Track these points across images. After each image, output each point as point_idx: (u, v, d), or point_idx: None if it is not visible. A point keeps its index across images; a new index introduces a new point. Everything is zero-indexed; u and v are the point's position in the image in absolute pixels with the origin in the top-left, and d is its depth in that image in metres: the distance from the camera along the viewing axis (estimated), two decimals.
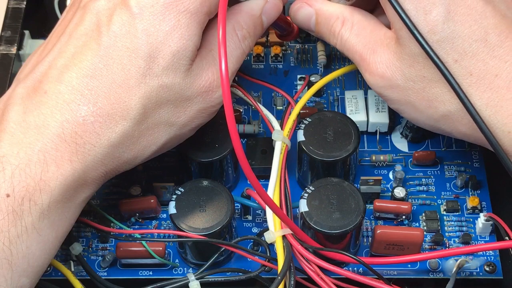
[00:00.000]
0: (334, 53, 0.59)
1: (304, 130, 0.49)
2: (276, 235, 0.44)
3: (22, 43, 0.56)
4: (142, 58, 0.41)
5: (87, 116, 0.40)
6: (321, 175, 0.49)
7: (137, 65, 0.41)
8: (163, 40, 0.41)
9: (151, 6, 0.41)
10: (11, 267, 0.38)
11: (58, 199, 0.40)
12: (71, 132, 0.40)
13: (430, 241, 0.50)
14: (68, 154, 0.40)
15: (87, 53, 0.41)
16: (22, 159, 0.39)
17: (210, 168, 0.50)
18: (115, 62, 0.41)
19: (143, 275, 0.50)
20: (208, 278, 0.46)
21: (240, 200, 0.50)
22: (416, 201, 0.52)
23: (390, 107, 0.48)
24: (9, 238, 0.38)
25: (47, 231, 0.40)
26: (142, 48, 0.41)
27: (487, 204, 0.52)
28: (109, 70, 0.41)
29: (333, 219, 0.46)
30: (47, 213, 0.39)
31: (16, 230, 0.38)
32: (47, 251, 0.40)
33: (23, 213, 0.38)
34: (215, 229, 0.46)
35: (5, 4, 0.56)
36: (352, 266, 0.49)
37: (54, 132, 0.40)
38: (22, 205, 0.38)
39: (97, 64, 0.41)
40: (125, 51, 0.41)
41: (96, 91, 0.41)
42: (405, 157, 0.54)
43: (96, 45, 0.41)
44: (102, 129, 0.41)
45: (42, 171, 0.39)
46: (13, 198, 0.38)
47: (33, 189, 0.39)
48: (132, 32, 0.41)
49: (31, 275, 0.39)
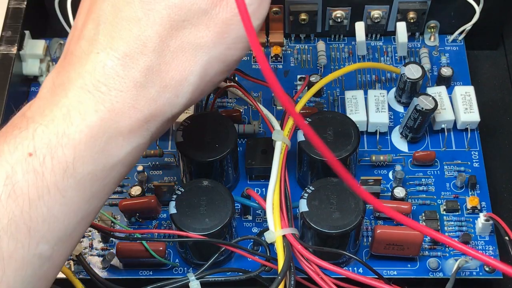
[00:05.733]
0: (334, 53, 0.59)
1: None
2: (276, 235, 0.44)
3: (22, 43, 0.56)
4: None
5: (106, 62, 0.38)
6: (321, 175, 0.49)
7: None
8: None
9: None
10: (29, 232, 0.36)
11: (85, 155, 0.37)
12: (94, 81, 0.38)
13: (430, 241, 0.50)
14: (93, 104, 0.38)
15: (97, 2, 0.40)
16: (46, 117, 0.37)
17: (210, 168, 0.50)
18: (121, 0, 0.39)
19: (143, 275, 0.50)
20: (208, 278, 0.46)
21: (240, 200, 0.50)
22: (416, 201, 0.52)
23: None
24: (29, 200, 0.36)
25: (72, 192, 0.37)
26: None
27: (487, 204, 0.52)
28: (117, 10, 0.39)
29: (333, 219, 0.46)
30: (72, 171, 0.37)
31: (37, 192, 0.36)
32: (72, 214, 0.37)
33: (44, 173, 0.36)
34: (215, 229, 0.46)
35: (5, 4, 0.56)
36: (352, 266, 0.49)
37: (77, 85, 0.38)
38: (44, 164, 0.36)
39: (106, 8, 0.39)
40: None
41: (110, 34, 0.39)
42: (405, 157, 0.54)
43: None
44: (124, 71, 0.38)
45: (65, 125, 0.37)
46: (35, 156, 0.36)
47: (56, 145, 0.36)
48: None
49: (52, 241, 0.37)
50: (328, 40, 0.60)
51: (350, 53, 0.59)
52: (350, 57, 0.59)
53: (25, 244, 0.36)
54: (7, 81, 0.53)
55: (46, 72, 0.57)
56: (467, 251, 0.37)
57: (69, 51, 0.40)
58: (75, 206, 0.37)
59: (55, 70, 0.40)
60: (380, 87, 0.57)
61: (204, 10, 0.39)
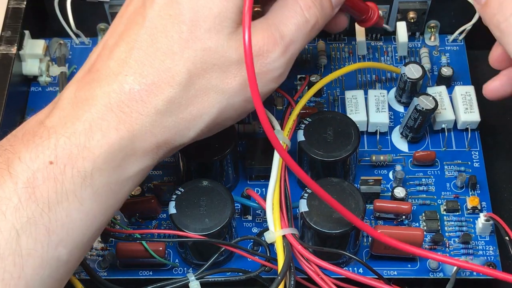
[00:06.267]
0: (334, 53, 0.59)
1: (304, 130, 0.49)
2: (276, 235, 0.44)
3: (22, 43, 0.56)
4: (184, 23, 0.41)
5: (133, 85, 0.40)
6: (321, 175, 0.49)
7: (179, 31, 0.41)
8: (204, 3, 0.41)
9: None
10: (48, 234, 0.37)
11: (103, 168, 0.39)
12: (118, 101, 0.40)
13: (430, 241, 0.50)
14: (115, 122, 0.40)
15: (133, 27, 0.41)
16: (68, 129, 0.39)
17: (210, 168, 0.50)
18: (159, 30, 0.41)
19: (143, 275, 0.50)
20: (208, 278, 0.46)
21: (240, 200, 0.50)
22: (416, 201, 0.52)
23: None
24: (49, 204, 0.37)
25: (90, 202, 0.39)
26: (184, 13, 0.41)
27: (487, 204, 0.52)
28: (154, 39, 0.41)
29: (333, 219, 0.46)
30: (90, 181, 0.39)
31: (57, 197, 0.38)
32: (89, 223, 0.40)
33: (64, 181, 0.38)
34: (215, 229, 0.46)
35: (5, 4, 0.56)
36: (352, 266, 0.49)
37: (101, 102, 0.40)
38: (64, 173, 0.38)
39: (142, 35, 0.41)
40: (168, 19, 0.41)
41: (141, 60, 0.41)
42: (405, 157, 0.54)
43: (141, 19, 0.41)
44: (149, 97, 0.40)
45: (87, 139, 0.39)
46: (56, 165, 0.38)
47: (76, 157, 0.38)
48: (175, 0, 0.41)
49: (69, 246, 0.39)
50: (328, 40, 0.60)
51: (350, 53, 0.59)
52: (350, 57, 0.59)
53: (44, 244, 0.37)
54: (6, 81, 0.53)
55: (45, 72, 0.57)
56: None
57: (95, 68, 0.42)
58: (91, 215, 0.40)
59: (77, 83, 0.42)
60: (380, 87, 0.57)
61: (235, 60, 0.42)
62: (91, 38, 0.60)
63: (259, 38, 0.42)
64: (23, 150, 0.38)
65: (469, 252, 0.50)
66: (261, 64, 0.42)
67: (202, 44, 0.41)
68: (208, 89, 0.42)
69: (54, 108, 0.40)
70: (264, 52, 0.42)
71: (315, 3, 0.44)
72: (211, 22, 0.41)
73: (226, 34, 0.41)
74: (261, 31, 0.42)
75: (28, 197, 0.37)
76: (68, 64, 0.58)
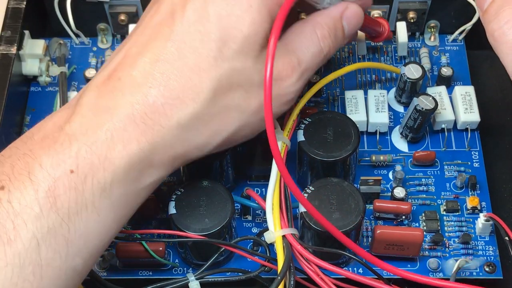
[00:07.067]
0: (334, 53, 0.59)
1: (304, 130, 0.49)
2: (276, 235, 0.44)
3: (22, 43, 0.56)
4: (213, 41, 0.41)
5: (157, 98, 0.40)
6: (321, 175, 0.49)
7: (208, 48, 0.41)
8: (234, 24, 0.41)
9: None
10: (67, 244, 0.38)
11: (121, 179, 0.39)
12: (141, 113, 0.40)
13: (430, 241, 0.50)
14: (136, 134, 0.40)
15: (160, 39, 0.41)
16: (89, 138, 0.39)
17: (210, 168, 0.50)
18: (187, 46, 0.41)
19: (143, 275, 0.50)
20: (208, 278, 0.46)
21: (240, 200, 0.50)
22: (416, 201, 0.52)
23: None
24: (69, 214, 0.38)
25: (107, 212, 0.39)
26: (214, 31, 0.41)
27: (487, 204, 0.52)
28: (181, 54, 0.41)
29: (333, 219, 0.46)
30: (108, 192, 0.39)
31: (76, 207, 0.38)
32: (104, 234, 0.40)
33: (84, 191, 0.38)
34: (215, 229, 0.46)
35: (5, 4, 0.56)
36: (352, 266, 0.49)
37: (124, 113, 0.40)
38: (85, 183, 0.38)
39: (169, 48, 0.41)
40: (197, 35, 0.41)
41: (167, 74, 0.41)
42: (405, 157, 0.54)
43: (169, 31, 0.41)
44: (172, 111, 0.40)
45: (108, 150, 0.39)
46: (76, 174, 0.38)
47: (97, 167, 0.39)
48: (205, 16, 0.41)
49: (86, 257, 0.39)
50: None
51: (350, 53, 0.59)
52: (350, 57, 0.59)
53: (63, 255, 0.38)
54: (6, 81, 0.53)
55: (45, 72, 0.57)
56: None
57: (116, 76, 0.41)
58: (107, 226, 0.40)
59: (97, 89, 0.41)
60: (380, 87, 0.57)
61: (258, 82, 0.43)
62: (91, 38, 0.60)
63: (279, 64, 0.43)
64: (44, 156, 0.38)
65: (469, 252, 0.50)
66: (278, 87, 0.43)
67: (230, 64, 0.41)
68: (230, 108, 0.42)
69: (74, 114, 0.40)
70: (283, 77, 0.43)
71: (330, 34, 0.46)
72: (240, 43, 0.41)
73: (253, 57, 0.42)
74: (281, 57, 0.43)
75: (50, 206, 0.37)
76: (68, 64, 0.58)
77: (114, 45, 0.60)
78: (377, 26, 0.53)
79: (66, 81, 0.57)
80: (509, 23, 0.41)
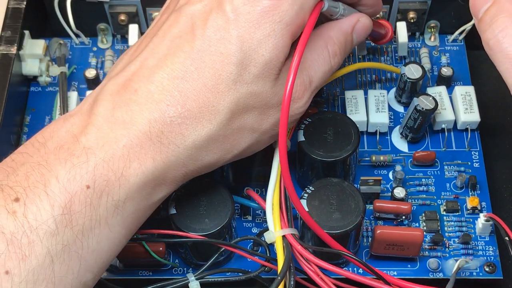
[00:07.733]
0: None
1: (304, 130, 0.49)
2: (276, 235, 0.44)
3: (22, 43, 0.56)
4: (234, 64, 0.41)
5: (174, 117, 0.40)
6: (321, 175, 0.49)
7: (228, 71, 0.41)
8: (256, 48, 0.41)
9: (247, 13, 0.41)
10: (79, 260, 0.38)
11: (135, 196, 0.40)
12: (157, 131, 0.40)
13: (430, 241, 0.50)
14: (152, 152, 0.40)
15: (179, 54, 0.41)
16: (106, 153, 0.39)
17: None
18: (207, 66, 0.41)
19: (143, 275, 0.50)
20: (208, 278, 0.46)
21: (240, 200, 0.50)
22: (416, 201, 0.52)
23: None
24: (83, 231, 0.38)
25: (118, 228, 0.40)
26: (235, 54, 0.41)
27: (487, 204, 0.52)
28: (200, 74, 0.41)
29: (333, 219, 0.46)
30: (121, 209, 0.39)
31: (90, 224, 0.38)
32: (114, 248, 0.40)
33: (99, 207, 0.38)
34: (215, 229, 0.46)
35: (5, 4, 0.56)
36: (352, 266, 0.49)
37: (141, 129, 0.40)
38: (100, 199, 0.38)
39: (189, 67, 0.41)
40: (218, 56, 0.41)
41: (186, 93, 0.41)
42: (405, 157, 0.54)
43: (189, 48, 0.41)
44: (188, 131, 0.41)
45: (124, 167, 0.39)
46: (93, 190, 0.38)
47: (113, 184, 0.39)
48: (227, 37, 0.41)
49: (96, 271, 0.39)
50: None
51: (350, 53, 0.59)
52: (350, 57, 0.59)
53: (75, 271, 0.38)
54: (6, 81, 0.53)
55: (45, 72, 0.57)
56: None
57: (132, 87, 0.41)
58: (118, 241, 0.40)
59: (113, 99, 0.41)
60: (380, 87, 0.57)
61: (273, 105, 0.43)
62: (91, 38, 0.60)
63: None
64: (60, 169, 0.38)
65: (469, 253, 0.50)
66: (290, 109, 0.43)
67: (248, 87, 0.41)
68: (244, 129, 0.43)
69: (89, 124, 0.40)
70: (295, 99, 0.44)
71: (340, 51, 0.46)
72: (260, 68, 0.41)
73: (271, 81, 0.42)
74: (297, 77, 0.43)
75: (65, 224, 0.37)
76: (68, 64, 0.58)
77: (114, 45, 0.60)
78: (382, 30, 0.53)
79: (66, 81, 0.57)
80: (504, 31, 0.40)
